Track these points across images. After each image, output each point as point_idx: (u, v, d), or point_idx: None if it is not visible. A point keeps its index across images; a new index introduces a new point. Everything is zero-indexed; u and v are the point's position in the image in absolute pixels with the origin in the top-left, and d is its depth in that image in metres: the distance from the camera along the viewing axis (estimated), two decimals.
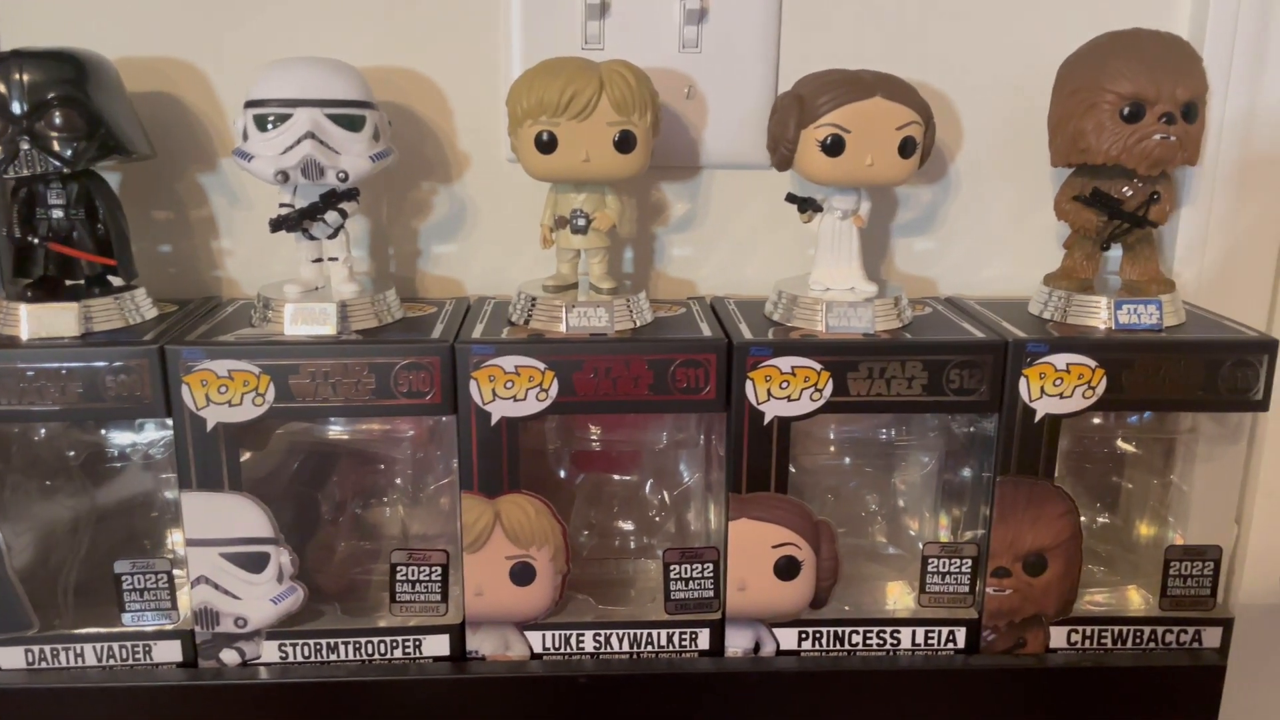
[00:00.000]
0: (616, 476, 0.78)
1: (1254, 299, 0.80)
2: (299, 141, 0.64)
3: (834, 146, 0.66)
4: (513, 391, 0.65)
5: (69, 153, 0.63)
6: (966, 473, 0.75)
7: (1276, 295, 0.81)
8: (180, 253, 0.78)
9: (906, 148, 0.67)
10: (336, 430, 0.74)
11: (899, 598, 0.75)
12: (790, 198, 0.70)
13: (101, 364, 0.63)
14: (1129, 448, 0.80)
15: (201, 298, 0.76)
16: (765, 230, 0.80)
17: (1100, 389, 0.66)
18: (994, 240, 0.80)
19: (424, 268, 0.80)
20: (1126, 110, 0.66)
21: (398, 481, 0.76)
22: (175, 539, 0.75)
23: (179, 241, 0.78)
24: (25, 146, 0.63)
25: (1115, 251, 0.74)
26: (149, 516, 0.74)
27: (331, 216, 0.67)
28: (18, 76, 0.62)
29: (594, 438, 0.76)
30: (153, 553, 0.71)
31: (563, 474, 0.77)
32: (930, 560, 0.70)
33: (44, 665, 0.68)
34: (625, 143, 0.66)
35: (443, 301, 0.76)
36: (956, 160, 0.79)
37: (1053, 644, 0.71)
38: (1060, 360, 0.66)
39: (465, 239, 0.79)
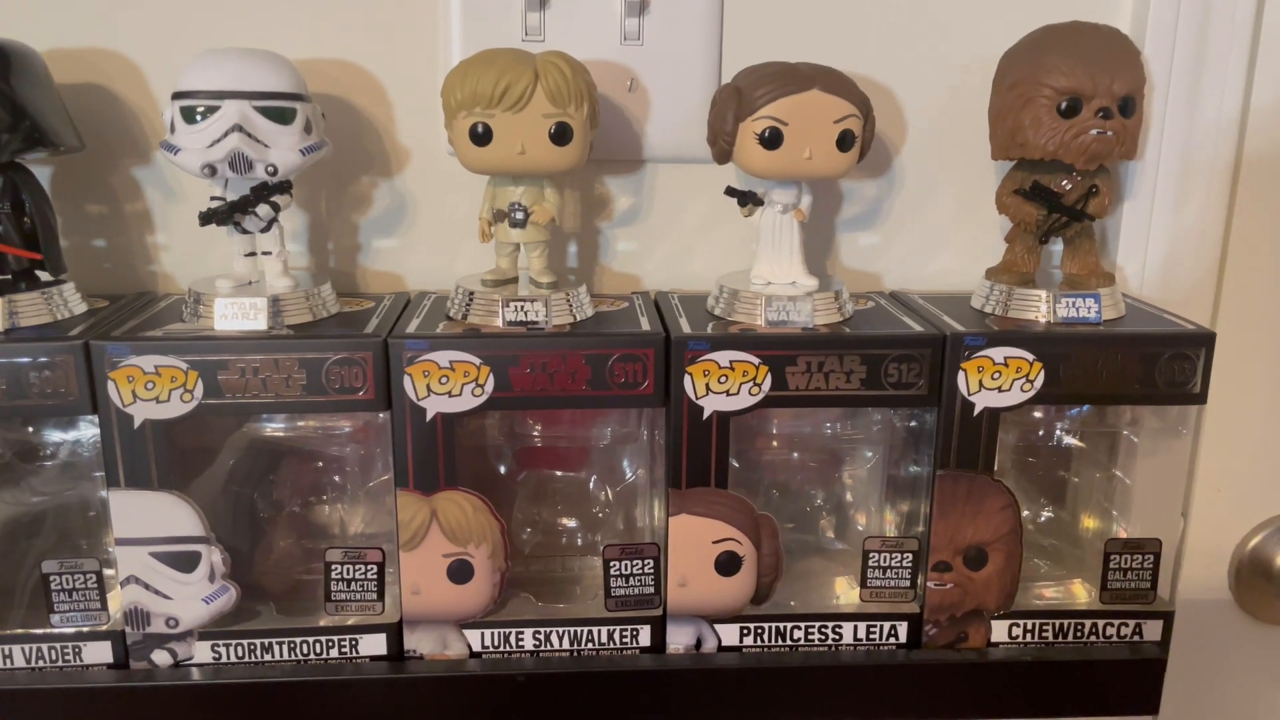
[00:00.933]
0: (560, 473, 0.77)
1: (1198, 292, 0.80)
2: (226, 134, 0.62)
3: (772, 139, 0.65)
4: (448, 387, 0.65)
5: None
6: (911, 467, 0.75)
7: (1221, 288, 0.81)
8: (115, 247, 0.77)
9: (845, 141, 0.66)
10: (276, 427, 0.72)
11: (845, 593, 0.75)
12: (730, 191, 0.70)
13: (25, 360, 0.62)
14: (1073, 441, 0.80)
15: (135, 293, 0.75)
16: (711, 224, 0.79)
17: (1038, 382, 0.66)
18: (939, 234, 0.80)
19: (364, 262, 0.79)
20: (1063, 105, 0.66)
21: (337, 479, 0.75)
22: (109, 538, 0.73)
23: (113, 236, 0.77)
24: None
25: (1059, 246, 0.74)
26: (84, 515, 0.73)
27: (263, 210, 0.66)
28: None
29: (535, 434, 0.75)
30: (87, 552, 0.70)
31: (504, 470, 0.76)
32: (871, 555, 0.70)
33: None
34: (561, 135, 0.65)
35: (382, 296, 0.75)
36: (901, 154, 0.79)
37: (994, 638, 0.71)
38: (998, 354, 0.66)
39: (406, 233, 0.78)
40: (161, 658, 0.68)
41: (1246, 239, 0.80)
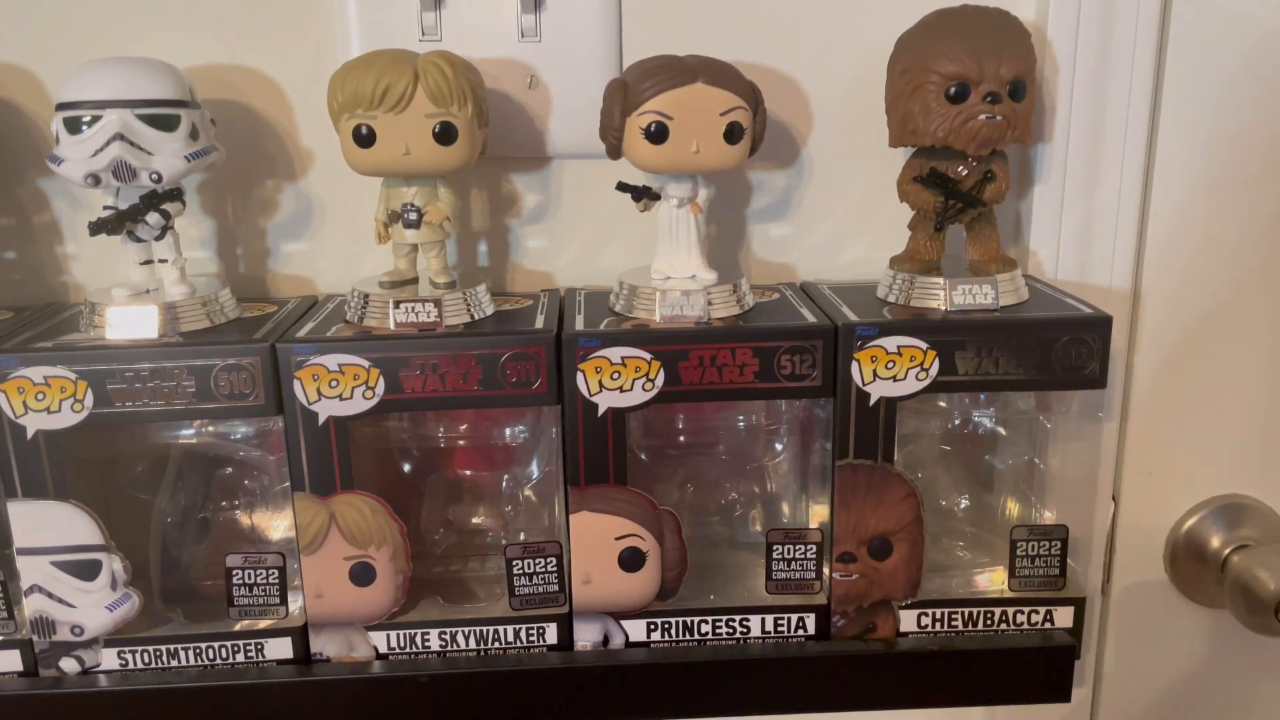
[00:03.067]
0: (469, 472, 0.77)
1: (1117, 274, 0.79)
2: (108, 143, 0.63)
3: (658, 134, 0.65)
4: (338, 390, 0.65)
5: None
6: (824, 458, 0.74)
7: (1141, 268, 0.80)
8: (25, 259, 0.77)
9: (733, 133, 0.66)
10: (185, 434, 0.73)
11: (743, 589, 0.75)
12: (622, 186, 0.69)
13: None
14: (993, 428, 0.80)
15: (42, 304, 0.75)
16: (620, 219, 0.79)
17: (933, 371, 0.66)
18: (851, 223, 0.80)
19: (274, 267, 0.79)
20: (951, 90, 0.65)
21: (247, 483, 0.75)
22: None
23: (23, 247, 0.77)
24: None
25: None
26: None
27: (153, 218, 0.66)
28: None
29: (440, 434, 0.75)
30: None
31: (410, 471, 0.76)
32: (775, 547, 0.70)
33: None
34: (446, 134, 0.65)
35: (287, 300, 0.75)
36: (809, 143, 0.78)
37: (904, 628, 0.71)
38: (891, 343, 0.65)
39: (314, 236, 0.78)
40: (69, 665, 0.68)
41: (1164, 217, 0.79)
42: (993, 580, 0.77)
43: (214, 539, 0.76)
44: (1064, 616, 0.72)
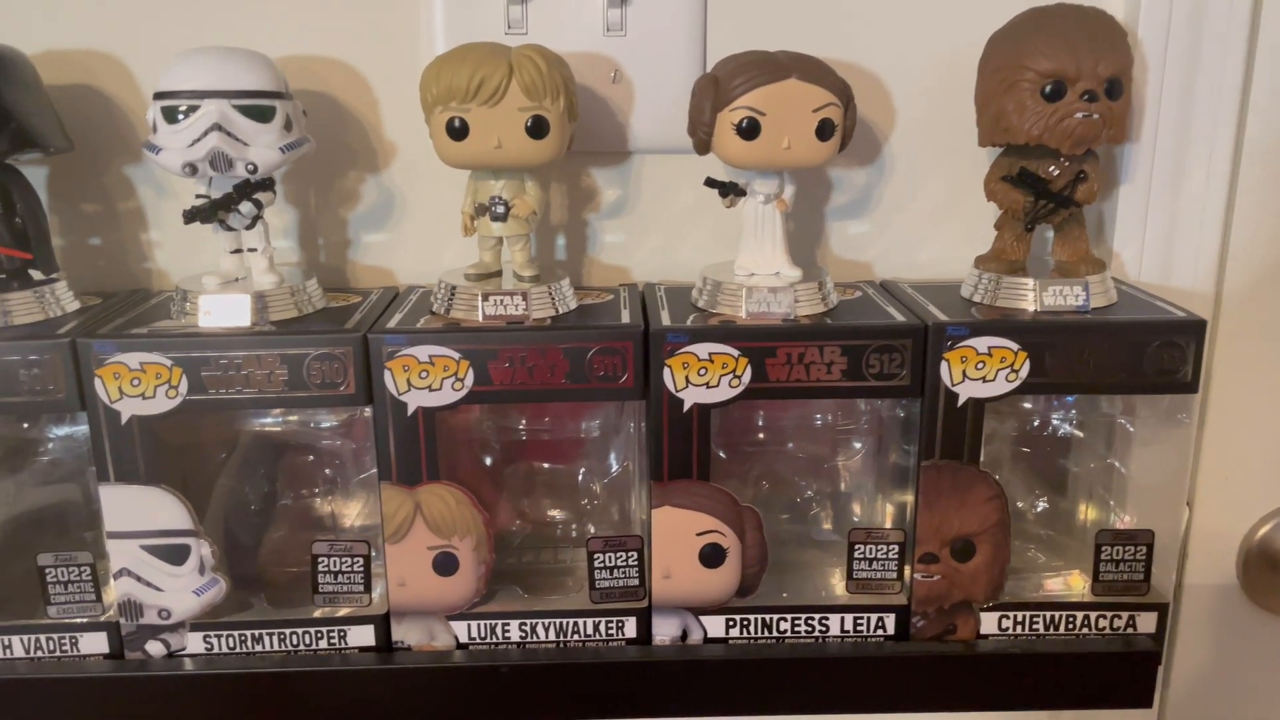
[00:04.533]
0: (547, 465, 0.77)
1: (1200, 277, 0.78)
2: (206, 133, 0.63)
3: (749, 129, 0.65)
4: (428, 381, 0.65)
5: None
6: (901, 458, 0.74)
7: (1224, 272, 0.79)
8: (109, 245, 0.78)
9: (824, 130, 0.65)
10: (268, 422, 0.73)
11: (838, 585, 0.75)
12: (710, 182, 0.69)
13: (15, 358, 0.63)
14: (1071, 430, 0.79)
15: (128, 290, 0.76)
16: (699, 215, 0.79)
17: (1023, 372, 0.65)
18: (930, 222, 0.79)
19: (354, 257, 0.79)
20: (1047, 88, 0.64)
21: (328, 472, 0.76)
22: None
23: (107, 234, 0.78)
24: None
25: (1052, 232, 0.72)
26: (74, 508, 0.74)
27: (246, 207, 0.67)
28: None
29: (522, 427, 0.75)
30: (79, 545, 0.71)
31: (491, 463, 0.76)
32: (857, 546, 0.70)
33: None
34: (538, 128, 0.65)
35: (369, 291, 0.75)
36: (891, 141, 0.78)
37: (984, 630, 0.71)
38: (981, 344, 0.65)
39: (394, 228, 0.79)
40: (155, 648, 0.69)
41: (1250, 220, 0.78)
42: (1068, 585, 0.76)
43: (290, 526, 0.77)
44: (1146, 622, 0.71)
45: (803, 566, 0.77)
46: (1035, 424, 0.79)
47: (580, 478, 0.78)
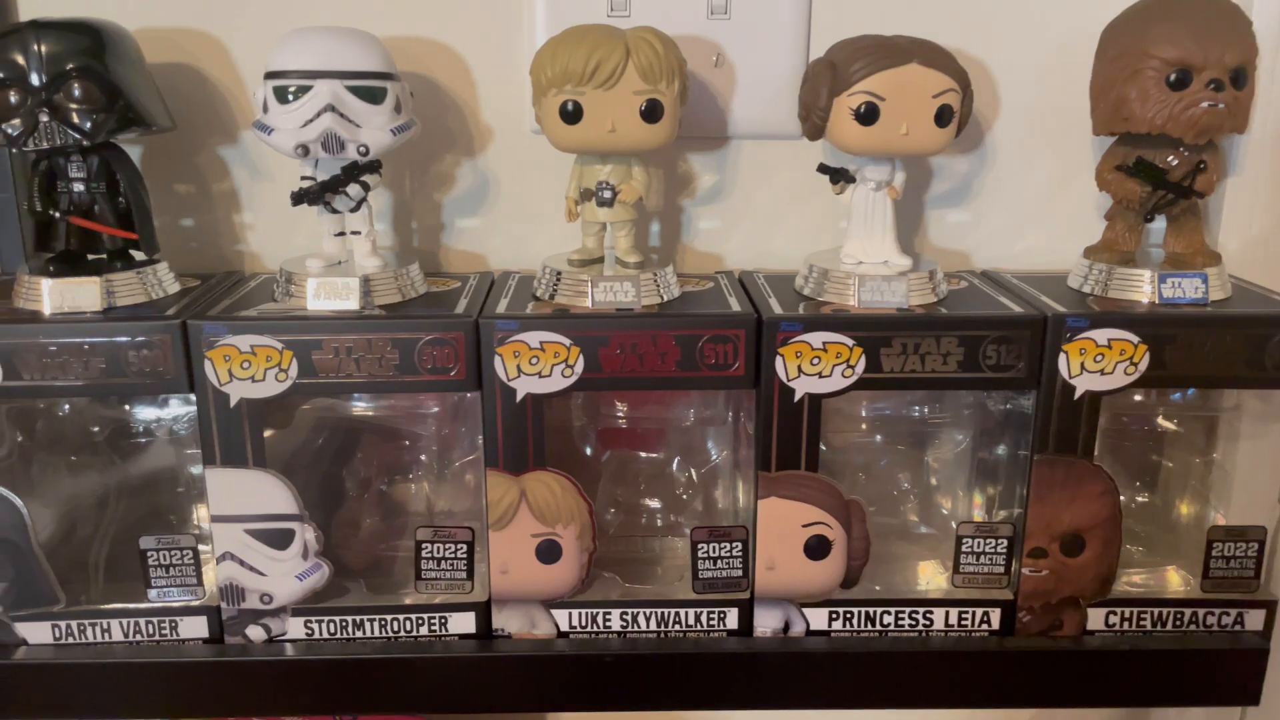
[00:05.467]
0: (643, 454, 0.76)
1: None
2: (319, 114, 0.62)
3: (868, 115, 0.64)
4: (538, 367, 0.64)
5: (88, 125, 0.63)
6: (1001, 451, 0.73)
7: None
8: (201, 226, 0.77)
9: (943, 116, 0.64)
10: (361, 406, 0.73)
11: (931, 578, 0.74)
12: (823, 168, 0.68)
13: (124, 339, 0.63)
14: (1169, 425, 0.78)
15: (223, 272, 0.76)
16: (793, 202, 0.78)
17: (1143, 365, 0.64)
18: (1031, 212, 0.78)
19: (447, 241, 0.78)
20: (1173, 77, 0.63)
21: (422, 458, 0.75)
22: (201, 515, 0.75)
23: (200, 215, 0.77)
24: (44, 119, 0.62)
25: (1159, 223, 0.71)
26: (175, 492, 0.74)
27: (354, 190, 0.66)
28: (36, 47, 0.62)
29: (620, 414, 0.75)
30: (179, 529, 0.71)
31: (589, 451, 0.75)
32: (965, 540, 0.69)
33: (70, 640, 0.68)
34: (652, 112, 0.64)
35: (466, 276, 0.74)
36: (993, 129, 0.77)
37: (1090, 626, 0.70)
38: (1101, 335, 0.64)
39: (488, 212, 0.78)
40: (256, 633, 0.68)
41: None
42: (1167, 581, 0.75)
43: (384, 511, 0.76)
44: (1255, 619, 0.70)
45: (892, 559, 0.76)
46: (1132, 417, 0.78)
47: (674, 467, 0.77)
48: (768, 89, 0.75)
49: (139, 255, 0.69)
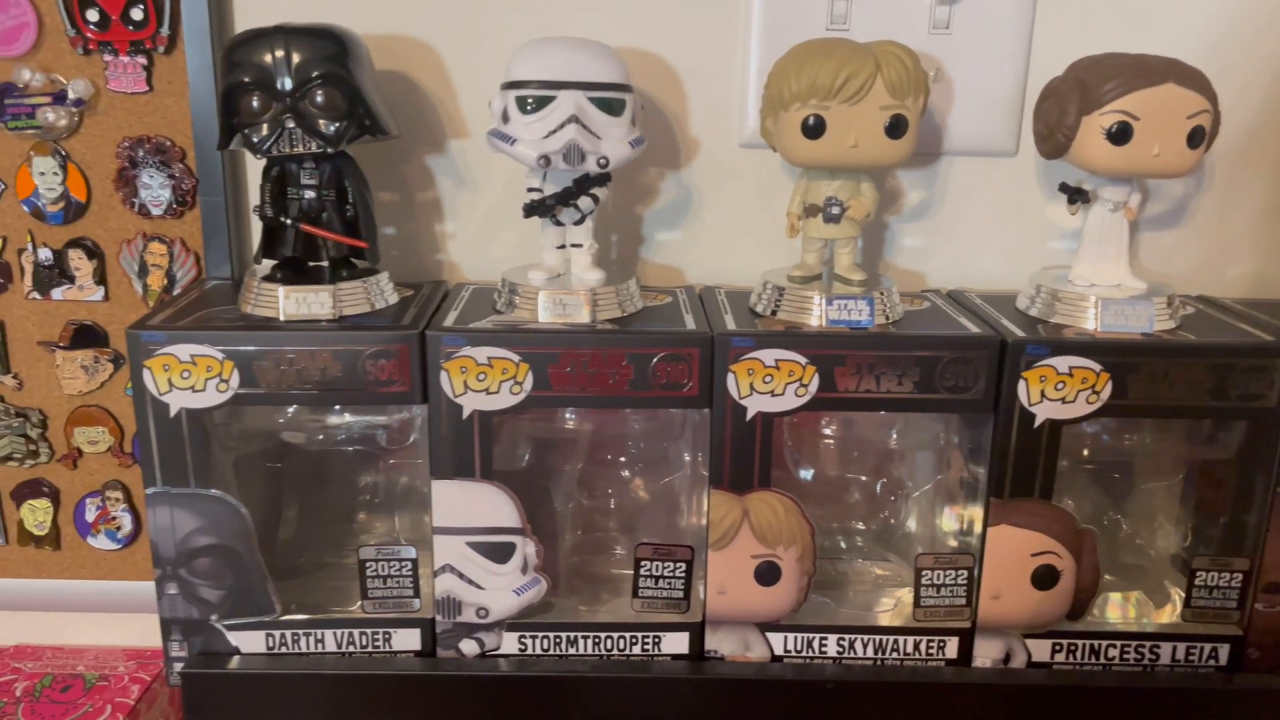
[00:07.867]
0: (849, 475, 0.75)
1: None
2: (563, 125, 0.62)
3: (1120, 134, 0.62)
4: (771, 385, 0.63)
5: (332, 131, 0.62)
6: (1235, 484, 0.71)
7: None
8: (404, 235, 0.77)
9: (1195, 137, 0.63)
10: (571, 420, 0.72)
11: (1148, 612, 0.72)
12: (1064, 188, 0.67)
13: (361, 347, 0.62)
14: None
15: (431, 282, 0.75)
16: (1000, 221, 0.76)
17: None
18: (1244, 235, 0.76)
19: (645, 255, 0.78)
20: None
21: (625, 474, 0.74)
22: (399, 525, 0.74)
23: (403, 224, 0.77)
24: (290, 125, 0.62)
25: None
26: (392, 502, 0.73)
27: (584, 202, 0.66)
28: (284, 53, 0.61)
29: (828, 435, 0.73)
30: (396, 539, 0.70)
31: (804, 476, 0.74)
32: (1198, 574, 0.67)
33: (284, 650, 0.68)
34: (896, 127, 0.63)
35: (673, 290, 0.73)
36: (1213, 151, 0.74)
37: None
38: None
39: (688, 227, 0.77)
40: (469, 647, 0.68)
41: None
42: None
43: (589, 525, 0.75)
44: None
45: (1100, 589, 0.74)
46: None
47: (878, 490, 0.75)
48: (986, 105, 0.73)
49: (359, 264, 0.68)
